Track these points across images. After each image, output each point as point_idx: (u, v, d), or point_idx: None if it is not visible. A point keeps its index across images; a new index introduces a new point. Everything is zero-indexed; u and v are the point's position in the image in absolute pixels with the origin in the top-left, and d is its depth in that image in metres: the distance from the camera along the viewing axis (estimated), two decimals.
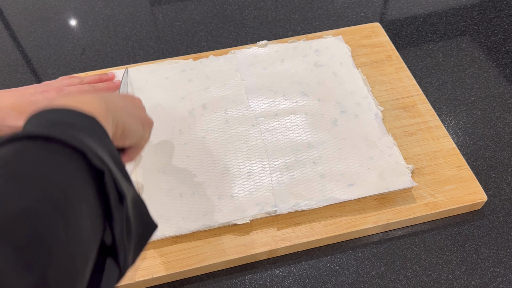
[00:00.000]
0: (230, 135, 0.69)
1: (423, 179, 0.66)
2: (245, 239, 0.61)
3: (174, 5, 0.97)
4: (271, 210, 0.61)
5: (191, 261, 0.59)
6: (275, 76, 0.76)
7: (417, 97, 0.75)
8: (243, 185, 0.64)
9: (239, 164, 0.66)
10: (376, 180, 0.63)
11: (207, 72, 0.77)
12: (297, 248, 0.61)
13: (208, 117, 0.71)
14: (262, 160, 0.66)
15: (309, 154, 0.67)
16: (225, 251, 0.60)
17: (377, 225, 0.62)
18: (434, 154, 0.68)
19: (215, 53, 0.81)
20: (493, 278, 0.59)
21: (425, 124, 0.72)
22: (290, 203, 0.62)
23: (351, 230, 0.61)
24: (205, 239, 0.61)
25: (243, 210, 0.61)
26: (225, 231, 0.61)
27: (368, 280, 0.59)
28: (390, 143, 0.67)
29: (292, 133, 0.69)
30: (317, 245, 0.62)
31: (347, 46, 0.80)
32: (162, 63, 0.79)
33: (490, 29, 0.89)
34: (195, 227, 0.60)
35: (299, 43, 0.81)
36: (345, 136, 0.68)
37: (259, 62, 0.78)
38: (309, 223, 0.62)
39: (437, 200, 0.64)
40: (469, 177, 0.66)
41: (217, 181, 0.64)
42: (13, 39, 0.91)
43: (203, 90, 0.74)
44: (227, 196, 0.63)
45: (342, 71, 0.76)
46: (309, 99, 0.73)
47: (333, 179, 0.64)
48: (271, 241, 0.60)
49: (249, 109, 0.72)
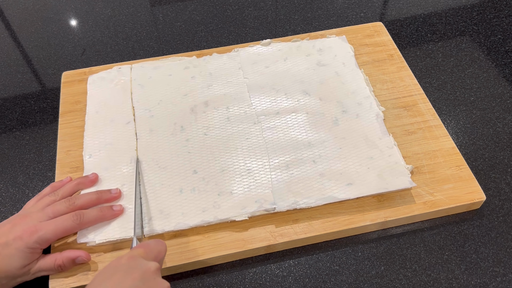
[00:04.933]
0: (231, 133, 0.66)
1: (422, 178, 0.63)
2: (244, 234, 0.58)
3: (174, 5, 0.94)
4: (269, 208, 0.58)
5: (189, 255, 0.57)
6: (278, 74, 0.73)
7: (417, 96, 0.72)
8: (242, 182, 0.61)
9: (239, 161, 0.63)
10: (375, 180, 0.60)
11: (210, 69, 0.74)
12: (295, 244, 0.59)
13: (209, 114, 0.68)
14: (263, 157, 0.63)
15: (309, 152, 0.64)
16: (224, 245, 0.57)
17: (375, 222, 0.59)
18: (433, 153, 0.65)
19: (219, 51, 0.78)
20: (493, 277, 0.57)
21: (425, 123, 0.68)
22: (289, 201, 0.59)
23: (349, 227, 0.59)
24: (204, 233, 0.58)
25: (242, 207, 0.59)
26: (224, 226, 0.59)
27: (368, 280, 0.57)
28: (390, 144, 0.64)
29: (293, 131, 0.66)
30: (315, 241, 0.60)
31: (350, 46, 0.77)
32: (165, 60, 0.76)
33: (490, 29, 0.86)
34: (194, 223, 0.58)
35: (303, 42, 0.77)
36: (346, 136, 0.65)
37: (262, 60, 0.75)
38: (307, 219, 0.59)
39: (436, 199, 0.61)
40: (468, 177, 0.63)
41: (217, 177, 0.62)
42: (13, 39, 0.88)
43: (206, 87, 0.71)
44: (227, 193, 0.60)
45: (345, 71, 0.73)
46: (310, 98, 0.70)
47: (333, 178, 0.61)
48: (269, 237, 0.58)
49: (250, 107, 0.69)
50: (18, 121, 0.75)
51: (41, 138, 0.72)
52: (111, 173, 0.63)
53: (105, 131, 0.67)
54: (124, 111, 0.69)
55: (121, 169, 0.63)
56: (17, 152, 0.71)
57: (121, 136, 0.66)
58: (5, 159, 0.70)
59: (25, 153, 0.71)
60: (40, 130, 0.73)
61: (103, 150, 0.65)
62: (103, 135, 0.67)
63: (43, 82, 0.81)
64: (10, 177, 0.68)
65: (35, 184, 0.67)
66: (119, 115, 0.68)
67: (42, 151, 0.71)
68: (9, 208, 0.65)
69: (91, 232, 0.57)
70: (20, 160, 0.70)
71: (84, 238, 0.57)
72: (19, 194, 0.66)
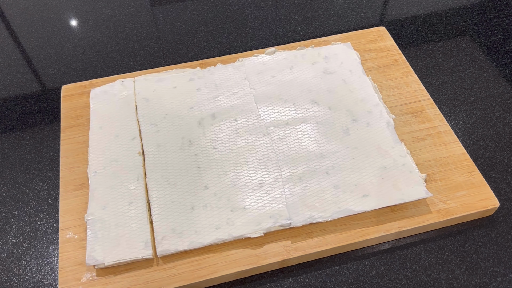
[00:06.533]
0: (240, 145, 0.64)
1: (435, 186, 0.61)
2: (257, 249, 0.57)
3: (174, 5, 0.92)
4: (285, 223, 0.57)
5: (202, 273, 0.55)
6: (284, 84, 0.71)
7: (425, 102, 0.70)
8: (255, 196, 0.59)
9: (250, 175, 0.61)
10: (390, 191, 0.59)
11: (215, 80, 0.71)
12: (309, 258, 0.58)
13: (217, 127, 0.66)
14: (274, 170, 0.61)
15: (321, 164, 0.62)
16: (237, 261, 0.56)
17: (389, 233, 0.58)
18: (444, 160, 0.64)
19: (223, 61, 0.76)
20: (493, 278, 0.56)
21: (434, 129, 0.67)
22: (305, 216, 0.57)
23: (363, 238, 0.57)
24: (216, 250, 0.57)
25: (257, 223, 0.57)
26: (237, 242, 0.57)
27: (368, 280, 0.56)
28: (403, 152, 0.63)
29: (304, 142, 0.64)
30: (329, 254, 0.58)
31: (356, 52, 0.75)
32: (169, 72, 0.73)
33: (490, 29, 0.85)
34: (208, 241, 0.56)
35: (308, 50, 0.75)
36: (358, 145, 0.63)
37: (268, 70, 0.73)
38: (321, 232, 0.58)
39: (449, 207, 0.60)
40: (480, 183, 0.62)
41: (229, 192, 0.60)
42: (14, 39, 0.87)
43: (212, 99, 0.69)
44: (240, 209, 0.58)
45: (352, 78, 0.71)
46: (319, 108, 0.68)
47: (347, 189, 0.59)
48: (283, 251, 0.56)
49: (259, 118, 0.67)
50: (19, 121, 0.74)
51: (41, 138, 0.71)
52: (118, 191, 0.60)
53: (110, 147, 0.64)
54: (129, 126, 0.66)
55: (128, 186, 0.60)
56: (18, 152, 0.70)
57: (126, 152, 0.64)
58: (5, 159, 0.69)
59: (26, 153, 0.70)
60: (40, 130, 0.72)
61: (109, 167, 0.62)
62: (108, 151, 0.64)
63: (43, 82, 0.79)
64: (10, 177, 0.67)
65: (35, 184, 0.66)
66: (124, 130, 0.66)
67: (43, 151, 0.70)
68: (9, 208, 0.64)
69: (100, 253, 0.55)
70: (20, 160, 0.69)
71: (93, 260, 0.54)
72: (19, 194, 0.65)
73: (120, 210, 0.58)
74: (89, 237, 0.56)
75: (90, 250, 0.55)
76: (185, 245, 0.55)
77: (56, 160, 0.69)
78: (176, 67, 0.75)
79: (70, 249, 0.57)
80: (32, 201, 0.65)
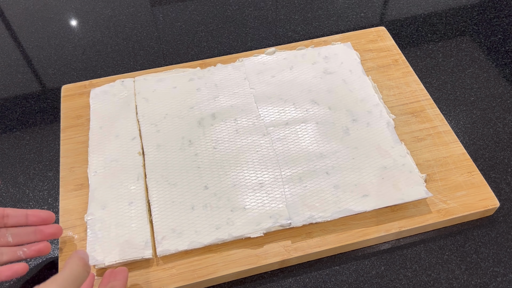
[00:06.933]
0: (240, 145, 0.64)
1: (435, 186, 0.61)
2: (257, 249, 0.56)
3: (174, 5, 0.92)
4: (285, 223, 0.56)
5: (202, 273, 0.55)
6: (284, 84, 0.70)
7: (425, 102, 0.70)
8: (255, 196, 0.59)
9: (250, 175, 0.61)
10: (391, 191, 0.59)
11: (215, 80, 0.71)
12: (309, 258, 0.57)
13: (218, 127, 0.66)
14: (274, 170, 0.61)
15: (321, 164, 0.61)
16: (237, 261, 0.55)
17: (389, 233, 0.58)
18: (444, 159, 0.64)
19: (223, 61, 0.75)
20: (493, 278, 0.56)
21: (434, 129, 0.67)
22: (304, 216, 0.57)
23: (363, 238, 0.57)
24: (216, 250, 0.56)
25: (257, 223, 0.57)
26: (237, 242, 0.57)
27: (368, 280, 0.56)
28: (403, 152, 0.62)
29: (304, 142, 0.64)
30: (329, 254, 0.58)
31: (356, 52, 0.74)
32: (169, 72, 0.73)
33: (490, 29, 0.84)
34: (208, 241, 0.55)
35: (308, 50, 0.75)
36: (358, 145, 0.63)
37: (268, 70, 0.72)
38: (321, 232, 0.58)
39: (449, 207, 0.59)
40: (480, 183, 0.61)
41: (229, 193, 0.59)
42: (14, 39, 0.87)
43: (212, 99, 0.69)
44: (240, 209, 0.58)
45: (352, 78, 0.71)
46: (319, 108, 0.67)
47: (347, 189, 0.59)
48: (283, 251, 0.56)
49: (259, 118, 0.66)
50: (19, 121, 0.74)
51: (41, 138, 0.71)
52: (118, 191, 0.60)
53: (110, 147, 0.64)
54: (128, 126, 0.66)
55: (128, 186, 0.60)
56: (18, 152, 0.70)
57: (126, 152, 0.63)
58: (5, 159, 0.69)
59: (26, 153, 0.70)
60: (40, 130, 0.72)
61: (108, 167, 0.62)
62: (108, 151, 0.64)
63: (43, 82, 0.79)
64: (11, 177, 0.67)
65: (35, 184, 0.66)
66: (124, 130, 0.66)
67: (43, 151, 0.70)
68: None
69: (99, 253, 0.55)
70: (20, 160, 0.69)
71: (93, 260, 0.54)
72: (19, 194, 0.65)
73: (120, 210, 0.58)
74: (89, 237, 0.56)
75: (90, 250, 0.55)
76: (185, 245, 0.55)
77: (56, 160, 0.68)
78: (176, 67, 0.75)
79: (70, 249, 0.57)
80: (32, 201, 0.64)
